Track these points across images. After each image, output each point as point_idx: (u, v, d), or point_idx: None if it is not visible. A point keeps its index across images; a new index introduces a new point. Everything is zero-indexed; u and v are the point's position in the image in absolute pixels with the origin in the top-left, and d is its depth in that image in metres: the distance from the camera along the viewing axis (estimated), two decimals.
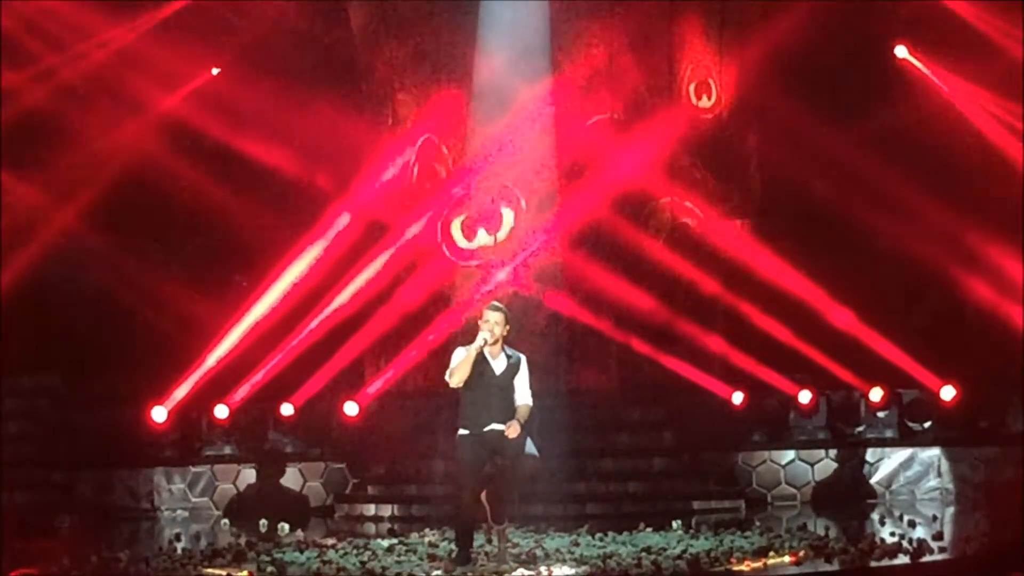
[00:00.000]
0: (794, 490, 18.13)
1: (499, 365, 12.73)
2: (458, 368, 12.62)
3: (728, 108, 19.07)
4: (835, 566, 12.72)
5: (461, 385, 12.68)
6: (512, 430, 12.57)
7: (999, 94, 18.79)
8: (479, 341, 12.60)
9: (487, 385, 12.68)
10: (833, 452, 18.22)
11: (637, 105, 18.53)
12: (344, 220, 18.61)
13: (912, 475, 18.22)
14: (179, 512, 18.14)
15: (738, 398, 18.27)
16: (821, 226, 18.74)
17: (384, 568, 12.89)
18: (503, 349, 12.75)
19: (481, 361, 12.64)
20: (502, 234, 18.59)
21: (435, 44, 18.68)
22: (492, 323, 12.64)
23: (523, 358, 12.84)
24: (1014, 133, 18.77)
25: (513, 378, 12.74)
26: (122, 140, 18.27)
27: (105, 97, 18.03)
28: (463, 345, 12.79)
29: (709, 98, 18.98)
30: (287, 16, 18.78)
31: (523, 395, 12.77)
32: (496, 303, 12.92)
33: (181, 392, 18.14)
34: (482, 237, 18.62)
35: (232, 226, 18.57)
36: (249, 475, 18.27)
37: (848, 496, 17.93)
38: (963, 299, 18.66)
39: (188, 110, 18.44)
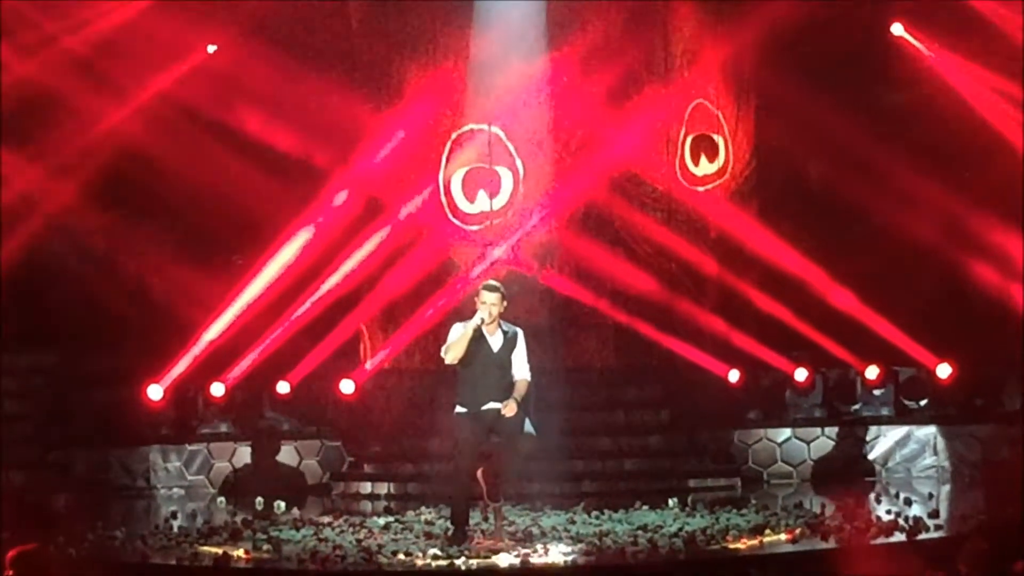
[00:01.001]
0: (790, 468, 18.11)
1: (496, 341, 12.75)
2: (454, 345, 12.64)
3: (724, 86, 19.02)
4: (831, 544, 12.74)
5: (456, 362, 12.69)
6: (509, 409, 12.58)
7: (999, 73, 18.70)
8: (476, 320, 12.60)
9: (485, 363, 12.70)
10: (830, 430, 18.21)
11: (632, 82, 18.47)
12: (342, 197, 18.55)
13: (908, 453, 18.18)
14: (175, 490, 18.12)
15: (734, 376, 18.24)
16: (819, 204, 18.68)
17: (380, 546, 12.91)
18: (499, 325, 12.76)
19: (478, 338, 12.66)
20: (500, 200, 18.53)
21: (432, 21, 18.62)
22: (489, 304, 12.65)
23: (520, 332, 12.85)
24: (1015, 110, 18.68)
25: (511, 354, 12.77)
26: (119, 117, 18.19)
27: (103, 73, 17.94)
28: (460, 322, 12.81)
29: (704, 77, 18.91)
30: None
31: (521, 370, 12.79)
32: (492, 282, 12.91)
33: (177, 370, 18.12)
34: (482, 201, 18.55)
35: (229, 204, 18.51)
36: (245, 453, 18.25)
37: (846, 474, 17.91)
38: (961, 278, 18.58)
39: (186, 87, 18.36)
